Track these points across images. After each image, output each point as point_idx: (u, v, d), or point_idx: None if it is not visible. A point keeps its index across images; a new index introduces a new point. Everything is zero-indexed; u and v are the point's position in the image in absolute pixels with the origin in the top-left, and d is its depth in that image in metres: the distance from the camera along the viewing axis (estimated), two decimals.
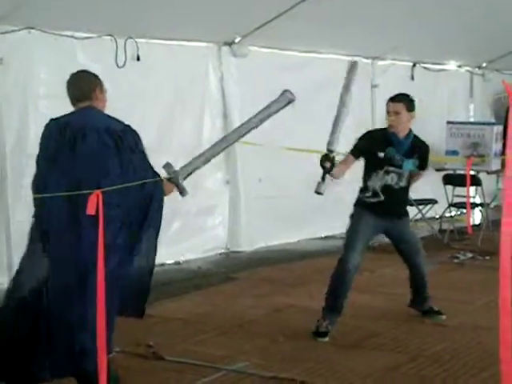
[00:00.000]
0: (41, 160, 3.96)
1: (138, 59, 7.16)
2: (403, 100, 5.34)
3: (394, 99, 5.36)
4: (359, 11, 7.81)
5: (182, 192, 4.24)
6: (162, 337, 5.25)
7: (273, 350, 5.03)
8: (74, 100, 4.07)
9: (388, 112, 5.35)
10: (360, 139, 5.48)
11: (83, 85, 4.08)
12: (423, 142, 5.55)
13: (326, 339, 5.25)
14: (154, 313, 5.86)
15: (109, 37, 6.95)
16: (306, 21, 7.60)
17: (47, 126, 4.03)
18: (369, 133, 5.55)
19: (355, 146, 5.43)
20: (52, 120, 4.04)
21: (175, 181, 4.17)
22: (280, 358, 4.86)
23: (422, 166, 5.50)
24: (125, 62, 7.04)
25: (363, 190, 5.41)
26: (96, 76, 4.19)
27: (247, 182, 8.25)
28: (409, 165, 5.35)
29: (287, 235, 8.75)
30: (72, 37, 6.71)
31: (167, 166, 4.24)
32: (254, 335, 5.35)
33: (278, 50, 8.41)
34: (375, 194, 5.32)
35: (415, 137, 5.46)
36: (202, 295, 6.50)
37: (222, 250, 8.23)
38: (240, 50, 7.95)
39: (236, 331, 5.47)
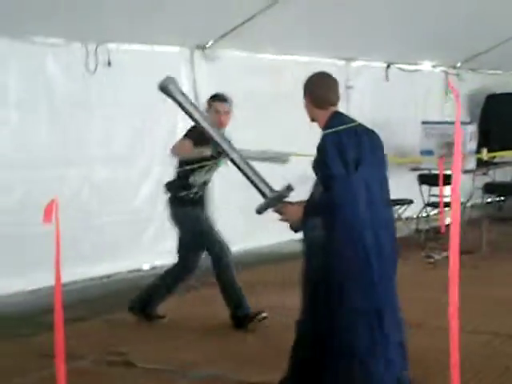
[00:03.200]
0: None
1: (110, 65, 7.14)
2: (229, 100, 5.63)
3: (224, 99, 5.59)
4: (332, 13, 7.81)
5: None
6: (136, 343, 5.22)
7: (248, 355, 5.02)
8: (328, 104, 3.86)
9: (219, 111, 5.53)
10: (191, 131, 5.41)
11: (337, 89, 3.91)
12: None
13: None
14: (128, 318, 5.85)
15: (79, 43, 6.92)
16: (278, 23, 7.60)
17: (339, 136, 3.71)
18: (195, 129, 5.21)
19: (191, 136, 5.38)
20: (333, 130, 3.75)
21: None
22: (256, 362, 4.85)
23: None
24: (96, 68, 7.01)
25: (185, 187, 5.51)
26: None
27: (224, 185, 8.23)
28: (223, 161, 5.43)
29: (264, 238, 8.74)
30: (42, 43, 6.66)
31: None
32: (229, 340, 5.33)
33: (251, 53, 8.40)
34: (199, 189, 5.50)
35: None
36: (178, 300, 6.45)
37: None
38: (212, 53, 7.94)
39: (211, 336, 5.46)
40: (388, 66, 10.19)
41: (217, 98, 5.65)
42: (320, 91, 3.85)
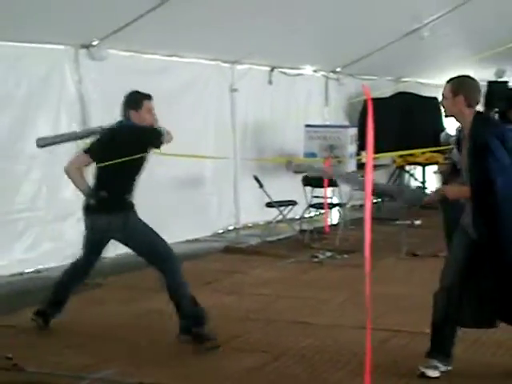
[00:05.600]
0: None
1: None
2: None
3: (151, 97, 5.38)
4: (219, 16, 7.87)
5: None
6: (22, 348, 5.07)
7: (137, 356, 4.99)
8: (476, 104, 4.44)
9: (151, 110, 5.34)
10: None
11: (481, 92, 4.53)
12: None
13: None
14: (13, 323, 5.69)
15: None
16: (166, 24, 7.60)
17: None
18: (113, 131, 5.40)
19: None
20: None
21: None
22: (144, 363, 4.82)
23: None
24: None
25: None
26: None
27: None
28: None
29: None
30: None
31: None
32: (118, 341, 5.27)
33: (139, 54, 8.35)
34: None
35: None
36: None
37: None
38: (98, 53, 7.81)
39: (100, 338, 5.38)
40: (271, 70, 10.36)
41: (148, 96, 5.34)
42: (474, 93, 4.48)
